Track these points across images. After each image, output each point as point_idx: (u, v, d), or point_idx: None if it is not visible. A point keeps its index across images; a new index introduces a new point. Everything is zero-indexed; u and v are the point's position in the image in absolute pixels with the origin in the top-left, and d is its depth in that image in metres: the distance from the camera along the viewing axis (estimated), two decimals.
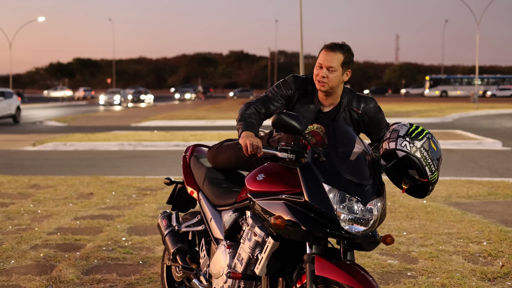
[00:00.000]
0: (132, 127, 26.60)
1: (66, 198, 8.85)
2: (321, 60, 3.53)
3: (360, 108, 3.65)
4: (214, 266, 3.76)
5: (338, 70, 3.52)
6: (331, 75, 3.51)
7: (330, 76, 3.51)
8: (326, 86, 3.53)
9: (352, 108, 3.64)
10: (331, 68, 3.50)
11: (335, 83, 3.53)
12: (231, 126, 26.25)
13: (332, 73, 3.50)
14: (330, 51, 3.52)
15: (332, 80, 3.51)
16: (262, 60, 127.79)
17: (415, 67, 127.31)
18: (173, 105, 54.87)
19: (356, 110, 3.64)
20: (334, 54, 3.51)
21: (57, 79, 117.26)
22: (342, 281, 2.96)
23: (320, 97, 3.64)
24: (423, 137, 3.29)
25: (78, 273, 5.35)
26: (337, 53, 3.51)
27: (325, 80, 3.51)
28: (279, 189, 3.25)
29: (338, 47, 3.53)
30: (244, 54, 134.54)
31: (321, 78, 3.52)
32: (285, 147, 3.32)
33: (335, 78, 3.52)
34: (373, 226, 3.12)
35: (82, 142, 18.01)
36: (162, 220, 4.54)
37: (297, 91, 3.67)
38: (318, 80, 3.54)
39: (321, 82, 3.53)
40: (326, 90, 3.55)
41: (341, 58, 3.52)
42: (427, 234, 6.60)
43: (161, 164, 13.29)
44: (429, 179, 3.30)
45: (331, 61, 3.50)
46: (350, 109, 3.64)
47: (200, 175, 4.28)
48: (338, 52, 3.52)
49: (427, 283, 5.04)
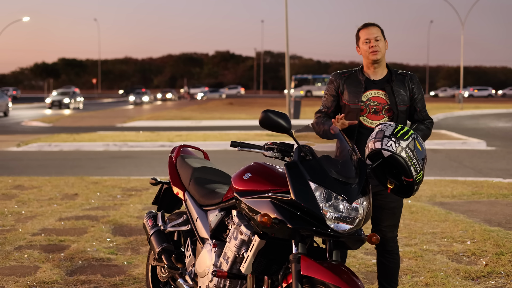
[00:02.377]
0: (118, 128, 26.49)
1: (51, 199, 8.80)
2: (367, 35, 4.08)
3: (406, 73, 4.19)
4: (200, 265, 3.75)
5: (382, 39, 4.09)
6: (380, 43, 4.07)
7: (379, 44, 4.06)
8: (379, 54, 4.05)
9: (401, 72, 4.18)
10: (377, 37, 4.06)
11: (384, 50, 4.10)
12: (217, 126, 26.24)
13: (380, 41, 4.07)
14: (370, 26, 4.10)
15: (382, 47, 4.07)
16: (248, 60, 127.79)
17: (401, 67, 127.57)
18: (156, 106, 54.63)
19: (404, 74, 4.17)
20: (374, 27, 4.10)
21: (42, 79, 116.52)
22: (327, 280, 2.97)
23: (370, 71, 4.15)
24: (409, 137, 3.32)
25: (62, 274, 5.32)
26: (374, 26, 4.11)
27: (377, 48, 4.04)
28: (265, 187, 3.26)
29: (372, 24, 4.13)
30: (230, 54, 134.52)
31: (374, 48, 4.04)
32: (271, 146, 3.33)
33: (383, 46, 4.09)
34: (359, 224, 3.14)
35: (67, 142, 17.91)
36: (147, 220, 4.53)
37: (339, 78, 4.21)
38: (371, 52, 4.05)
39: (374, 51, 4.04)
40: (379, 57, 4.06)
41: (379, 30, 4.11)
42: (411, 233, 6.63)
43: (147, 165, 13.24)
44: (414, 179, 3.32)
45: (375, 33, 4.08)
46: (399, 74, 4.16)
47: (186, 175, 4.28)
48: (375, 26, 4.12)
49: (411, 282, 5.07)
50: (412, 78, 4.16)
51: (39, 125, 29.18)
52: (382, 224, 4.15)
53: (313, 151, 3.22)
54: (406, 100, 4.10)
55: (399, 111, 4.06)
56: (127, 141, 18.08)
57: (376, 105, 4.07)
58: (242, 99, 70.58)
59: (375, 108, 4.07)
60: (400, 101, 4.07)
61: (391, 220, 4.15)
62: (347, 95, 4.13)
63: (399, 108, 4.06)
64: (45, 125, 28.74)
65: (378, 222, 4.15)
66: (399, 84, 4.10)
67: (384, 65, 4.15)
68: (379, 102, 4.07)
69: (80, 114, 39.74)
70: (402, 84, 4.10)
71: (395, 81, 4.10)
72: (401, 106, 4.06)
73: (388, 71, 4.16)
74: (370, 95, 4.08)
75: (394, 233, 4.20)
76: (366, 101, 4.07)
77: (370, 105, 4.07)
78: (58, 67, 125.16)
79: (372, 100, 4.06)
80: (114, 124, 28.57)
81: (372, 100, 4.06)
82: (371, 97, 4.07)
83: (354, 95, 4.09)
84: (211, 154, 5.83)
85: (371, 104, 4.07)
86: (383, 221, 4.14)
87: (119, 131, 23.97)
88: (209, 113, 38.03)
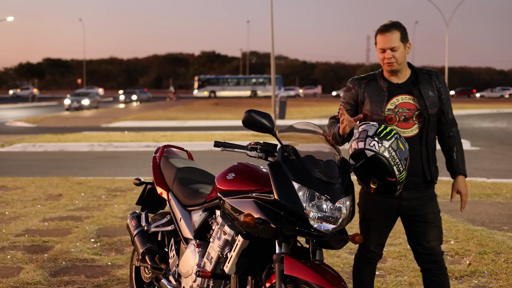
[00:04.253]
0: (103, 128, 26.38)
1: (35, 200, 8.75)
2: (382, 44, 3.62)
3: (433, 73, 3.76)
4: (184, 265, 3.75)
5: (400, 47, 3.62)
6: (396, 53, 3.61)
7: (396, 55, 3.61)
8: (395, 65, 3.64)
9: (426, 71, 3.76)
10: (393, 48, 3.60)
11: (401, 59, 3.64)
12: (202, 126, 26.20)
13: (396, 51, 3.61)
14: (386, 33, 3.61)
15: (398, 58, 3.62)
16: (234, 61, 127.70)
17: None
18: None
19: (430, 73, 3.75)
20: (391, 34, 3.61)
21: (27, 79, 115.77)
22: (311, 280, 2.97)
23: (389, 76, 3.73)
24: (391, 137, 3.33)
25: (46, 275, 5.29)
26: (393, 32, 3.61)
27: (392, 60, 3.61)
28: (249, 187, 3.26)
29: (391, 26, 3.63)
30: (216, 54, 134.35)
31: (388, 60, 3.62)
32: (255, 146, 3.33)
33: (401, 55, 3.63)
34: (342, 224, 3.14)
35: (51, 143, 17.81)
36: (131, 221, 4.51)
37: (357, 86, 3.78)
38: (386, 63, 3.64)
39: (389, 63, 3.62)
40: (395, 68, 3.65)
41: (398, 35, 3.62)
42: (395, 233, 6.66)
43: (132, 165, 13.20)
44: (397, 179, 3.33)
45: (391, 42, 3.60)
46: (424, 73, 3.74)
47: (170, 175, 4.27)
48: (393, 30, 3.62)
49: (395, 281, 5.09)
50: (438, 76, 3.75)
51: (23, 125, 28.98)
52: (428, 239, 3.73)
53: (297, 151, 3.23)
54: (436, 102, 3.69)
55: (430, 115, 3.66)
56: (112, 142, 18.01)
57: (405, 112, 3.65)
58: (228, 99, 70.48)
59: (405, 115, 3.66)
60: (430, 104, 3.66)
61: (435, 233, 3.75)
62: (368, 105, 3.72)
63: (430, 111, 3.66)
64: (30, 126, 28.55)
65: (424, 238, 3.73)
66: (426, 85, 3.69)
67: (405, 66, 3.73)
68: (409, 108, 3.65)
69: (64, 114, 39.52)
70: (429, 84, 3.70)
71: (422, 82, 3.69)
72: (431, 109, 3.67)
73: (411, 71, 3.75)
74: (398, 101, 3.66)
75: (440, 247, 3.82)
76: (394, 109, 3.65)
77: (399, 112, 3.65)
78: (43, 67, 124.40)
79: (400, 107, 3.65)
80: (99, 125, 28.45)
81: (401, 107, 3.65)
82: (399, 104, 3.65)
83: (377, 105, 3.69)
84: (197, 155, 5.83)
85: (400, 112, 3.65)
86: (428, 236, 3.73)
87: (104, 131, 23.87)
88: (195, 114, 37.97)
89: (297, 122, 3.47)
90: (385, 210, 3.73)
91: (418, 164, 3.67)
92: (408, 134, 3.66)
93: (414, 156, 3.62)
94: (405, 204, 3.69)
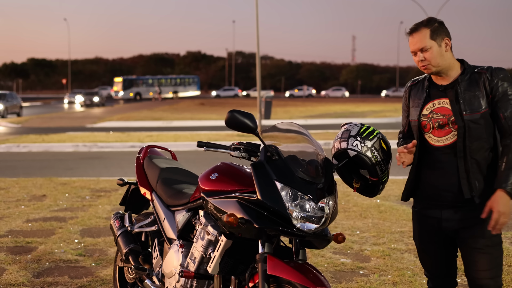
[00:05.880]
0: (88, 128, 26.26)
1: (18, 200, 8.69)
2: (411, 47, 3.29)
3: (487, 70, 3.22)
4: (167, 265, 3.74)
5: (432, 46, 3.23)
6: (428, 54, 3.24)
7: (427, 56, 3.24)
8: (430, 67, 3.25)
9: (479, 70, 3.25)
10: (423, 48, 3.24)
11: (437, 60, 3.24)
12: (188, 126, 26.15)
13: (427, 51, 3.24)
14: (414, 34, 3.28)
15: (431, 58, 3.23)
16: (219, 61, 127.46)
17: (371, 68, 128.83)
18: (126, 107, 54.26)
19: (483, 72, 3.22)
20: (418, 33, 3.26)
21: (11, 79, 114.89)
22: (294, 280, 2.98)
23: (435, 78, 3.34)
24: (374, 137, 3.34)
25: (29, 276, 5.26)
26: (420, 31, 3.26)
27: (425, 62, 3.25)
28: (232, 188, 3.27)
29: (419, 25, 3.29)
30: (202, 54, 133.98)
31: (421, 63, 3.26)
32: (238, 146, 3.34)
33: (434, 55, 3.23)
34: (325, 224, 3.15)
35: (35, 143, 17.71)
36: (114, 221, 4.50)
37: (408, 88, 3.49)
38: (421, 67, 3.29)
39: (423, 66, 3.27)
40: (433, 71, 3.27)
41: (427, 32, 3.24)
42: (379, 232, 6.69)
43: (117, 165, 13.16)
44: (379, 178, 3.34)
45: (418, 43, 3.25)
46: (475, 72, 3.24)
47: (153, 175, 4.26)
48: (421, 29, 3.26)
49: (378, 281, 5.11)
50: (494, 74, 3.18)
51: (7, 125, 28.78)
52: (476, 269, 3.23)
53: (279, 151, 3.23)
54: (481, 105, 3.15)
55: (468, 121, 3.15)
56: (97, 142, 17.94)
57: (440, 117, 3.24)
58: (213, 99, 70.46)
59: (439, 121, 3.24)
60: (468, 108, 3.16)
61: (486, 262, 3.20)
62: (411, 110, 3.41)
63: (467, 117, 3.15)
64: (14, 126, 28.36)
65: (471, 267, 3.25)
66: (469, 86, 3.20)
67: (454, 67, 3.28)
68: (443, 114, 3.23)
69: (49, 114, 39.27)
70: (475, 85, 3.19)
71: (465, 81, 3.22)
72: (469, 114, 3.16)
73: (464, 70, 3.28)
74: (434, 106, 3.27)
75: (497, 282, 3.23)
76: (429, 114, 3.28)
77: (433, 118, 3.27)
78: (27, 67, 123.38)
79: (435, 112, 3.26)
80: (84, 125, 28.31)
81: (436, 112, 3.26)
82: (434, 109, 3.27)
83: (415, 110, 3.36)
84: (182, 155, 5.82)
85: (434, 117, 3.26)
86: (476, 265, 3.22)
87: (89, 131, 23.77)
88: (180, 114, 37.90)
89: (280, 122, 3.48)
90: (426, 231, 3.40)
91: (452, 178, 3.23)
92: (443, 143, 3.25)
93: (447, 168, 3.23)
94: (446, 225, 3.28)
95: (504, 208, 3.06)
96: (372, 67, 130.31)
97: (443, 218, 3.28)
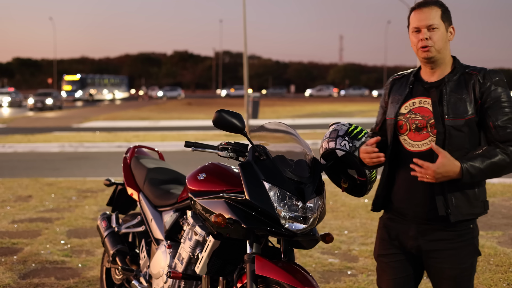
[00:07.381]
0: (74, 128, 26.13)
1: (4, 201, 8.62)
2: (416, 22, 2.80)
3: (480, 72, 2.79)
4: (154, 266, 3.73)
5: (440, 27, 2.79)
6: (434, 34, 2.78)
7: (433, 37, 2.77)
8: (432, 50, 2.78)
9: (469, 71, 2.82)
10: (431, 26, 2.77)
11: (441, 44, 2.79)
12: (175, 126, 26.09)
13: (434, 31, 2.78)
14: (424, 8, 2.81)
15: (437, 41, 2.78)
16: (206, 60, 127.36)
17: (359, 67, 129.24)
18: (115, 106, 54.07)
19: (474, 73, 2.79)
20: (430, 9, 2.80)
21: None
22: (282, 280, 2.97)
23: (426, 71, 2.89)
24: (362, 137, 3.33)
25: (15, 277, 5.22)
26: (432, 7, 2.80)
27: (429, 42, 2.77)
28: (220, 188, 3.26)
29: (431, 2, 2.82)
30: (189, 54, 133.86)
31: (423, 42, 2.78)
32: (226, 146, 3.32)
33: (440, 38, 2.78)
34: (313, 224, 3.15)
35: (21, 143, 17.59)
36: (101, 222, 4.47)
37: (389, 83, 3.08)
38: (420, 47, 2.80)
39: (424, 47, 2.78)
40: (433, 55, 2.79)
41: (438, 11, 2.80)
42: (367, 232, 6.69)
43: (103, 166, 13.09)
44: (367, 178, 3.33)
45: (428, 18, 2.78)
46: (466, 73, 2.81)
47: (140, 176, 4.24)
48: (433, 6, 2.81)
49: (366, 281, 5.11)
50: (486, 76, 2.76)
51: None
52: None
53: (267, 151, 3.22)
54: (467, 110, 2.73)
55: (450, 127, 2.73)
56: (83, 142, 17.85)
57: (418, 118, 2.82)
58: (201, 99, 70.39)
59: (417, 123, 2.82)
60: (451, 112, 2.73)
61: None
62: (389, 106, 2.99)
63: (447, 122, 2.73)
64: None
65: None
66: (457, 87, 2.78)
67: (447, 62, 2.85)
68: (423, 115, 2.81)
69: (35, 114, 39.06)
70: (463, 87, 2.77)
71: (452, 81, 2.80)
72: (451, 119, 2.74)
73: (454, 68, 2.85)
74: (413, 105, 2.85)
75: None
76: (407, 114, 2.86)
77: (411, 119, 2.84)
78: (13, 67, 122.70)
79: (414, 112, 2.83)
80: (70, 125, 28.17)
81: (415, 112, 2.83)
82: (414, 108, 2.84)
83: (394, 105, 2.94)
84: (169, 155, 5.80)
85: (412, 118, 2.83)
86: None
87: (75, 131, 23.65)
88: (167, 113, 37.81)
89: (268, 122, 3.47)
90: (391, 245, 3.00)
91: (426, 190, 2.80)
92: (418, 148, 2.83)
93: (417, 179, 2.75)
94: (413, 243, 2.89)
95: (443, 172, 2.64)
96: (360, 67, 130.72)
97: (411, 235, 2.88)
